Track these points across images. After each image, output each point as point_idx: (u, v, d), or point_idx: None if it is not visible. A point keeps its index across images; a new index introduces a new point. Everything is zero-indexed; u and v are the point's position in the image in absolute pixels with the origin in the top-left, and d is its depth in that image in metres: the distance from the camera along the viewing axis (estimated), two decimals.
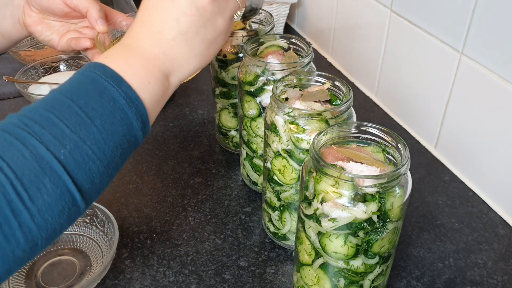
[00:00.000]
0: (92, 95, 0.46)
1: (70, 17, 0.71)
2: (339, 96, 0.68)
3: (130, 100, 0.47)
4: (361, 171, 0.54)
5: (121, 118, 0.46)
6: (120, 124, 0.46)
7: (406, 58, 0.94)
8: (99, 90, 0.46)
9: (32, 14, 0.70)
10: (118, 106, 0.46)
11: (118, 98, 0.47)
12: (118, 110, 0.46)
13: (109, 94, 0.46)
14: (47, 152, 0.42)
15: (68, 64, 1.12)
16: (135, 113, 0.48)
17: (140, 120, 0.48)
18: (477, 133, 0.81)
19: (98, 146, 0.45)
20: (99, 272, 0.66)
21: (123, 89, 0.47)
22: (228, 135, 0.93)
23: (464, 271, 0.71)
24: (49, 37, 0.71)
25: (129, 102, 0.47)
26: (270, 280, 0.69)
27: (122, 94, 0.47)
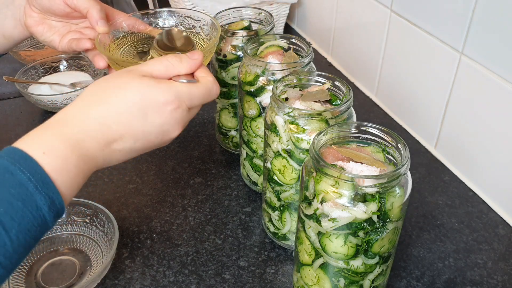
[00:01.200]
0: (14, 202, 0.42)
1: (71, 18, 0.71)
2: (339, 96, 0.68)
3: (54, 206, 0.45)
4: (361, 171, 0.54)
5: (38, 225, 0.44)
6: (36, 230, 0.44)
7: (406, 58, 0.94)
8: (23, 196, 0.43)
9: (33, 14, 0.69)
10: (39, 214, 0.43)
11: (43, 206, 0.44)
12: (39, 218, 0.44)
13: (33, 202, 0.43)
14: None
15: (68, 64, 1.12)
16: (54, 216, 0.45)
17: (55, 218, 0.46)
18: (477, 133, 0.81)
19: (6, 257, 0.42)
20: (99, 272, 0.66)
21: (50, 196, 0.44)
22: (228, 135, 0.93)
23: (464, 271, 0.71)
24: (50, 38, 0.71)
25: (52, 208, 0.44)
26: (270, 280, 0.69)
27: (48, 201, 0.44)
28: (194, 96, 0.54)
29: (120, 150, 0.51)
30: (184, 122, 0.54)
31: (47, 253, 0.73)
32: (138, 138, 0.52)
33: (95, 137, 0.49)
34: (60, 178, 0.45)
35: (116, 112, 0.50)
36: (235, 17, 0.90)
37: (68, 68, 1.12)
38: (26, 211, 0.43)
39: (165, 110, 0.52)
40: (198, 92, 0.54)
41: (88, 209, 0.75)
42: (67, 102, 1.00)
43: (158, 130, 0.52)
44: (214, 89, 0.56)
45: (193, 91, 0.54)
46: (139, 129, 0.51)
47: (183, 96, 0.53)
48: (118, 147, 0.51)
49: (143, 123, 0.51)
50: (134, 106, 0.50)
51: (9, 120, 1.02)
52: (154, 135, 0.52)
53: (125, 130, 0.50)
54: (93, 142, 0.49)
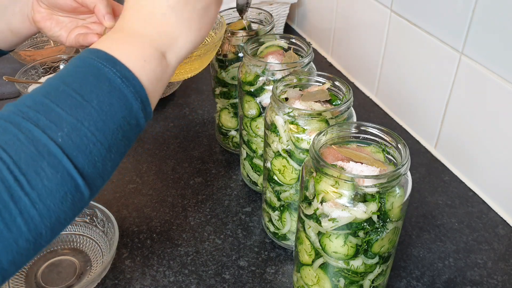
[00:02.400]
0: (86, 77, 0.45)
1: (78, 13, 0.72)
2: (339, 96, 0.68)
3: (127, 80, 0.46)
4: (361, 171, 0.54)
5: (119, 98, 0.45)
6: (119, 105, 0.45)
7: (406, 58, 0.94)
8: (93, 72, 0.45)
9: (40, 10, 0.70)
10: (114, 86, 0.45)
11: (114, 78, 0.45)
12: (115, 90, 0.45)
13: (104, 75, 0.45)
14: (44, 135, 0.40)
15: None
16: (133, 93, 0.46)
17: (139, 100, 0.47)
18: (477, 133, 0.81)
19: (97, 128, 0.43)
20: (99, 272, 0.66)
21: (118, 69, 0.46)
22: (228, 135, 0.93)
23: (464, 271, 0.71)
24: (57, 33, 0.72)
25: (125, 81, 0.46)
26: (270, 280, 0.69)
27: (117, 74, 0.45)
28: None
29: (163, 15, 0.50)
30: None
31: (47, 253, 0.73)
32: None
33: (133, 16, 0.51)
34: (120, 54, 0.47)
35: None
36: (235, 17, 0.89)
37: None
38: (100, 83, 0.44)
39: None
40: None
41: (88, 209, 0.75)
42: None
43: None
44: None
45: None
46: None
47: None
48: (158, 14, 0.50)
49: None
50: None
51: None
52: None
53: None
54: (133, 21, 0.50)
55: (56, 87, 0.44)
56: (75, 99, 0.43)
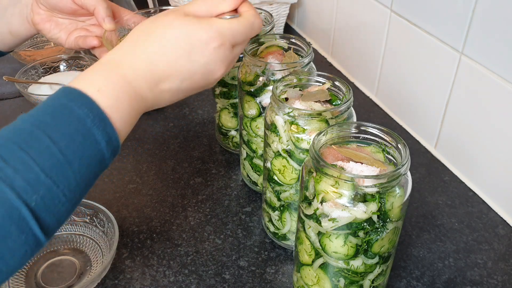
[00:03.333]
0: (75, 136, 0.44)
1: (78, 15, 0.71)
2: (339, 96, 0.68)
3: (111, 142, 0.46)
4: (361, 171, 0.54)
5: (98, 160, 0.45)
6: (95, 166, 0.45)
7: (406, 58, 0.94)
8: (83, 131, 0.44)
9: (40, 11, 0.70)
10: (98, 149, 0.45)
11: (101, 141, 0.45)
12: (98, 153, 0.45)
13: (92, 137, 0.45)
14: (18, 200, 0.40)
15: (68, 64, 1.12)
16: (111, 153, 0.47)
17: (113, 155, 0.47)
18: (477, 133, 0.81)
19: (70, 190, 0.43)
20: (99, 272, 0.66)
21: (107, 132, 0.46)
22: (228, 135, 0.93)
23: (464, 271, 0.71)
24: (56, 35, 0.71)
25: (109, 144, 0.46)
26: (270, 280, 0.69)
27: (106, 137, 0.46)
28: (236, 32, 0.53)
29: (168, 91, 0.52)
30: (228, 61, 0.54)
31: (47, 253, 0.73)
32: (185, 78, 0.52)
33: (144, 76, 0.50)
34: (114, 116, 0.46)
35: (163, 52, 0.51)
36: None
37: (68, 68, 1.12)
38: (86, 145, 0.44)
39: (209, 48, 0.52)
40: (240, 27, 0.54)
41: (88, 209, 0.75)
42: None
43: (203, 69, 0.52)
44: (256, 23, 0.55)
45: (234, 26, 0.53)
46: (185, 68, 0.51)
47: (225, 32, 0.52)
48: (165, 87, 0.51)
49: (188, 62, 0.51)
50: (179, 45, 0.51)
51: (9, 120, 1.01)
52: (199, 75, 0.53)
53: (172, 70, 0.51)
54: (142, 81, 0.50)
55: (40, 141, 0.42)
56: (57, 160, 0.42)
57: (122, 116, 0.48)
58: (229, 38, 0.53)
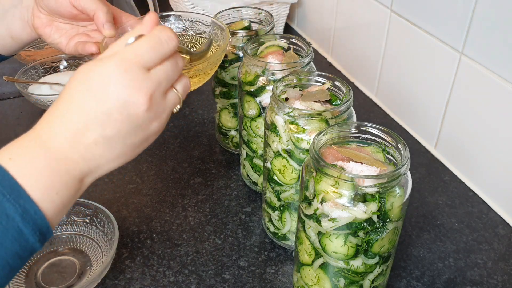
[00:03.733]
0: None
1: (78, 20, 0.70)
2: (339, 96, 0.68)
3: (28, 215, 0.41)
4: (361, 171, 0.54)
5: (14, 238, 0.40)
6: (12, 244, 0.40)
7: (406, 58, 0.94)
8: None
9: (41, 16, 0.68)
10: (12, 224, 0.40)
11: (14, 215, 0.40)
12: (12, 229, 0.40)
13: (2, 210, 0.40)
14: None
15: (68, 64, 1.12)
16: (33, 228, 0.41)
17: (38, 233, 0.42)
18: (477, 133, 0.81)
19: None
20: (99, 272, 0.66)
21: (21, 203, 0.40)
22: (228, 135, 0.93)
23: (464, 271, 0.71)
24: (57, 40, 0.70)
25: (26, 218, 0.41)
26: (270, 280, 0.69)
27: (19, 209, 0.40)
28: (141, 51, 0.45)
29: (95, 143, 0.45)
30: (146, 87, 0.45)
31: (47, 253, 0.73)
32: (103, 121, 0.44)
33: (59, 132, 0.44)
34: (31, 183, 0.41)
35: (72, 101, 0.45)
36: (235, 17, 0.89)
37: (68, 68, 1.12)
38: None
39: (113, 80, 0.44)
40: (143, 44, 0.46)
41: (88, 209, 0.75)
42: None
43: (116, 104, 0.44)
44: (163, 35, 0.47)
45: (137, 46, 0.46)
46: (97, 111, 0.44)
47: (126, 55, 0.45)
48: (89, 139, 0.44)
49: (98, 103, 0.44)
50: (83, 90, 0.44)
51: (9, 120, 1.02)
52: (116, 112, 0.44)
53: (86, 117, 0.44)
54: (59, 139, 0.44)
55: None
56: None
57: (42, 183, 0.42)
58: (133, 60, 0.45)
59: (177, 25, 0.74)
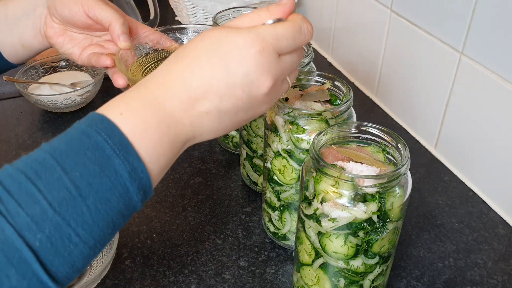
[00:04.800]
0: (90, 165, 0.38)
1: (92, 30, 0.68)
2: (339, 96, 0.68)
3: (135, 173, 0.40)
4: (361, 171, 0.54)
5: (120, 195, 0.40)
6: (118, 201, 0.40)
7: (406, 58, 0.94)
8: (100, 160, 0.39)
9: (53, 25, 0.67)
10: (119, 181, 0.39)
11: (122, 172, 0.39)
12: (119, 186, 0.39)
13: (111, 166, 0.39)
14: (19, 239, 0.35)
15: (68, 64, 1.12)
16: (138, 187, 0.41)
17: (142, 193, 0.41)
18: (477, 133, 0.81)
19: (84, 228, 0.38)
20: (99, 272, 0.66)
21: (130, 161, 0.40)
22: (228, 135, 0.93)
23: (464, 271, 0.71)
24: (70, 50, 0.68)
25: (133, 176, 0.40)
26: (270, 280, 0.69)
27: (128, 167, 0.40)
28: (281, 35, 0.45)
29: (207, 113, 0.44)
30: (274, 71, 0.45)
31: None
32: (223, 94, 0.44)
33: (176, 94, 0.43)
34: (140, 141, 0.41)
35: (196, 65, 0.44)
36: (235, 17, 0.89)
37: (68, 68, 1.12)
38: (103, 177, 0.39)
39: (247, 54, 0.43)
40: (284, 30, 0.45)
41: None
42: (67, 102, 1.00)
43: (243, 80, 0.44)
44: (305, 27, 0.47)
45: (278, 30, 0.45)
46: (222, 81, 0.44)
47: (266, 36, 0.44)
48: (203, 108, 0.44)
49: (226, 74, 0.43)
50: (213, 56, 0.44)
51: (9, 120, 1.02)
52: (240, 88, 0.44)
53: (207, 85, 0.43)
54: (174, 101, 0.43)
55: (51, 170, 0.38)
56: (69, 192, 0.37)
57: (151, 142, 0.41)
58: (272, 42, 0.44)
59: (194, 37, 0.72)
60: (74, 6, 0.64)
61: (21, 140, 0.95)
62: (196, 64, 0.44)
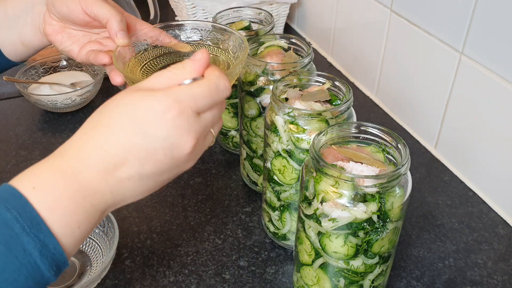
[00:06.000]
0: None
1: (91, 27, 0.68)
2: (339, 96, 0.68)
3: (47, 250, 0.38)
4: (361, 171, 0.54)
5: (29, 273, 0.38)
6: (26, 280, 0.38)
7: (406, 58, 0.94)
8: (8, 239, 0.37)
9: (52, 22, 0.67)
10: (28, 260, 0.38)
11: (32, 250, 0.38)
12: (28, 264, 0.38)
13: (20, 245, 0.37)
14: None
15: (68, 64, 1.12)
16: (49, 263, 0.39)
17: (54, 268, 0.40)
18: (477, 133, 0.81)
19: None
20: (99, 272, 0.66)
21: (41, 238, 0.38)
22: (228, 135, 0.93)
23: (464, 271, 0.71)
24: (68, 48, 0.68)
25: (44, 253, 0.38)
26: (270, 280, 0.69)
27: (38, 245, 0.38)
28: (197, 95, 0.45)
29: (128, 179, 0.44)
30: (195, 131, 0.45)
31: None
32: (145, 159, 0.43)
33: (93, 165, 0.42)
34: (52, 216, 0.39)
35: (113, 133, 0.43)
36: (235, 17, 0.90)
37: (68, 68, 1.12)
38: (11, 257, 0.37)
39: (165, 118, 0.43)
40: (201, 90, 0.45)
41: None
42: (67, 102, 1.00)
43: (164, 145, 0.44)
44: (221, 84, 0.47)
45: (194, 90, 0.45)
46: (142, 147, 0.43)
47: (183, 98, 0.44)
48: (124, 174, 0.43)
49: (144, 140, 0.43)
50: (129, 123, 0.43)
51: (9, 120, 1.02)
52: (161, 153, 0.44)
53: (126, 152, 0.43)
54: (91, 171, 0.42)
55: None
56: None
57: (64, 217, 0.40)
58: (190, 104, 0.44)
59: (193, 34, 0.71)
60: (71, 3, 0.64)
61: (21, 140, 0.95)
62: (111, 132, 0.43)
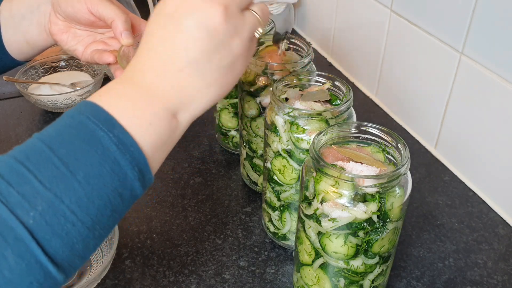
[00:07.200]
0: (76, 141, 0.39)
1: (96, 27, 0.68)
2: (339, 96, 0.68)
3: (124, 147, 0.40)
4: (361, 171, 0.54)
5: (111, 169, 0.39)
6: (110, 177, 0.39)
7: (406, 58, 0.94)
8: (85, 135, 0.39)
9: (58, 22, 0.67)
10: (108, 154, 0.39)
11: (109, 144, 0.39)
12: (108, 159, 0.39)
13: (97, 140, 0.39)
14: (12, 216, 0.35)
15: (68, 64, 1.12)
16: (130, 162, 0.40)
17: (137, 169, 0.41)
18: (477, 133, 0.81)
19: (79, 205, 0.37)
20: (99, 272, 0.66)
21: (115, 133, 0.40)
22: (228, 135, 0.93)
23: (464, 271, 0.71)
24: (73, 47, 0.69)
25: (122, 149, 0.40)
26: (270, 280, 0.69)
27: (114, 139, 0.40)
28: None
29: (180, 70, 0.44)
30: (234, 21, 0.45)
31: None
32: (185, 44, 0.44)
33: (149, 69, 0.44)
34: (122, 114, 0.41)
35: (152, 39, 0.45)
36: None
37: (68, 68, 1.12)
38: (90, 151, 0.39)
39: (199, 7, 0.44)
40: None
41: None
42: (67, 102, 1.00)
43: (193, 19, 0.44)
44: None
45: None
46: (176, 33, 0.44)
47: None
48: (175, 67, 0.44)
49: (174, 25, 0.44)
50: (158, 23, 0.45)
51: (9, 120, 1.02)
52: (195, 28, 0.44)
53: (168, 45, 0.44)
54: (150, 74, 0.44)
55: (39, 151, 0.38)
56: (57, 169, 0.37)
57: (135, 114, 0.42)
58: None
59: None
60: (77, 3, 0.65)
61: (21, 140, 0.95)
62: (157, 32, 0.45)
